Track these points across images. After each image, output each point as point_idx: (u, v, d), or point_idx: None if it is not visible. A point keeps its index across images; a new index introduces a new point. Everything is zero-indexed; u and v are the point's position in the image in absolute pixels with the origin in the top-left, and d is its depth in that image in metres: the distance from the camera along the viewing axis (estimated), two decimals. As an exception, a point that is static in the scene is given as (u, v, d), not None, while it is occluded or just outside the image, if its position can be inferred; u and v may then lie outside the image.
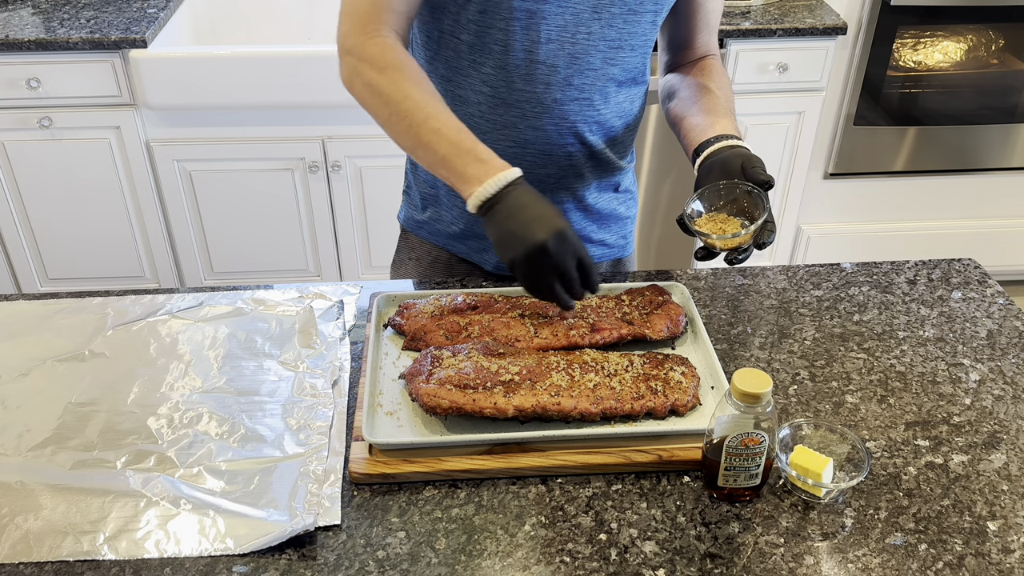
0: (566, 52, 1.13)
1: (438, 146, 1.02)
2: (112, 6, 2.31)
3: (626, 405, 0.97)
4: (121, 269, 2.50)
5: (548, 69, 1.14)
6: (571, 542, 0.88)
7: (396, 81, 1.04)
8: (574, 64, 1.14)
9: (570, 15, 1.11)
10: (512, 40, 1.12)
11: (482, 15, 1.11)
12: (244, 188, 2.37)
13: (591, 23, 1.12)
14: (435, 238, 1.35)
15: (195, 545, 0.87)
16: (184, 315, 1.18)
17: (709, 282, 1.27)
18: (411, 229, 1.38)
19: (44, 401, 1.04)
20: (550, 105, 1.17)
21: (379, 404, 1.01)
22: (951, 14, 2.38)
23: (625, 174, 1.34)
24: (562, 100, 1.17)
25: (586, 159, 1.24)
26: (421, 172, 1.32)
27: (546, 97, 1.16)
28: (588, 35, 1.13)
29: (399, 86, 1.04)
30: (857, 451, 0.94)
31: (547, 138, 1.20)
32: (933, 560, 0.86)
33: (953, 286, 1.28)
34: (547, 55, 1.13)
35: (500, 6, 1.09)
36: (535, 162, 1.22)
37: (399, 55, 1.06)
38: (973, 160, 2.62)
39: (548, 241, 0.95)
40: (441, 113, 1.04)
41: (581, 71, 1.15)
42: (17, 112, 2.22)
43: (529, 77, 1.14)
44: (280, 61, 2.16)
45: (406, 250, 1.40)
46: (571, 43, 1.13)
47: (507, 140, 1.20)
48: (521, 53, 1.12)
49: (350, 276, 2.55)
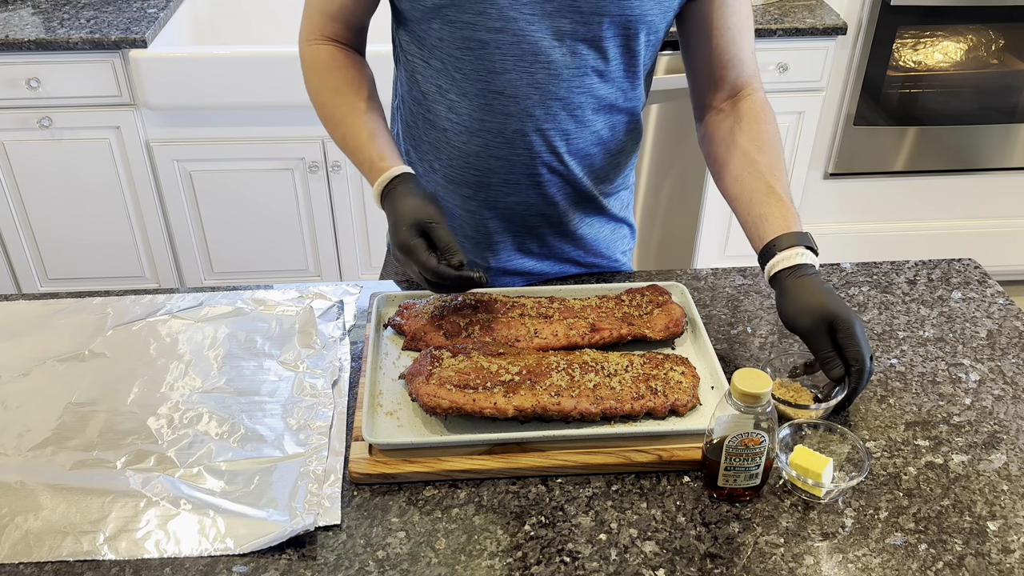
0: (525, 82, 1.08)
1: (346, 148, 1.15)
2: (112, 6, 2.31)
3: (626, 405, 0.97)
4: (121, 269, 2.50)
5: (506, 100, 1.10)
6: (571, 542, 0.88)
7: (316, 86, 1.19)
8: (534, 94, 1.09)
9: (527, 44, 1.05)
10: (468, 68, 1.09)
11: (441, 42, 1.08)
12: (244, 188, 2.37)
13: (551, 51, 1.06)
14: None
15: (195, 545, 0.87)
16: (184, 315, 1.18)
17: (709, 282, 1.27)
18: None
19: (44, 401, 1.04)
20: (511, 136, 1.13)
21: (379, 404, 1.01)
22: (951, 14, 2.38)
23: (612, 200, 1.28)
24: (523, 131, 1.12)
25: (558, 188, 1.19)
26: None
27: (506, 128, 1.12)
28: (548, 64, 1.07)
29: (318, 91, 1.19)
30: (857, 451, 0.94)
31: (511, 168, 1.16)
32: (933, 560, 0.86)
33: (953, 286, 1.28)
34: (504, 85, 1.09)
35: (454, 35, 1.07)
36: (503, 191, 1.19)
37: (327, 60, 1.18)
38: (973, 160, 2.62)
39: (394, 250, 1.05)
40: (348, 117, 1.14)
41: (543, 101, 1.10)
42: (17, 112, 2.22)
43: (488, 107, 1.11)
44: (280, 61, 2.16)
45: (396, 267, 1.37)
46: (529, 73, 1.08)
47: (471, 168, 1.17)
48: (479, 83, 1.09)
49: (350, 276, 2.55)
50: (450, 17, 1.05)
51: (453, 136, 1.16)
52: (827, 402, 0.99)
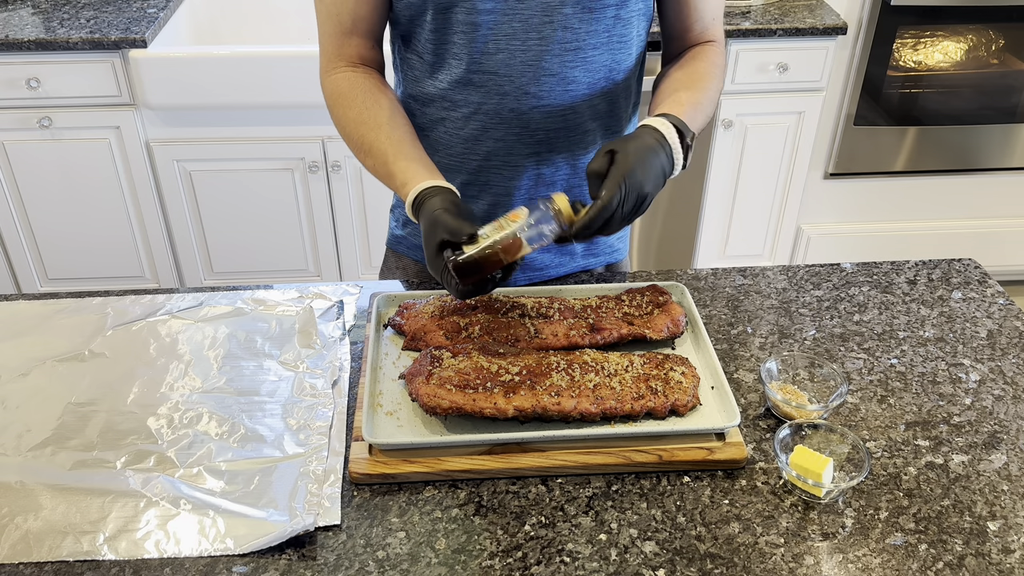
0: (518, 60, 1.10)
1: (378, 175, 1.13)
2: (112, 6, 2.31)
3: (626, 405, 0.97)
4: (121, 269, 2.50)
5: (501, 79, 1.11)
6: (571, 542, 0.88)
7: (341, 119, 1.15)
8: (527, 72, 1.11)
9: (518, 22, 1.07)
10: (463, 53, 1.10)
11: (434, 33, 1.10)
12: (244, 188, 2.37)
13: (542, 27, 1.08)
14: (414, 253, 1.34)
15: (195, 545, 0.87)
16: (184, 315, 1.18)
17: (709, 282, 1.27)
18: (391, 245, 1.37)
19: (44, 401, 1.04)
20: (508, 116, 1.14)
21: (379, 404, 1.01)
22: (951, 14, 2.38)
23: None
24: (520, 109, 1.13)
25: (555, 170, 1.20)
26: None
27: (503, 108, 1.13)
28: (540, 40, 1.09)
29: (343, 124, 1.15)
30: (857, 451, 0.94)
31: (509, 149, 1.17)
32: (933, 560, 0.86)
33: (953, 286, 1.28)
34: (497, 65, 1.10)
35: (447, 21, 1.08)
36: (502, 174, 1.20)
37: (348, 89, 1.14)
38: (973, 160, 2.62)
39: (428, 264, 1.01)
40: (376, 145, 1.11)
41: (537, 78, 1.11)
42: (17, 112, 2.22)
43: (483, 89, 1.12)
44: (280, 61, 2.16)
45: (394, 268, 1.38)
46: (522, 51, 1.09)
47: (473, 154, 1.18)
48: (473, 66, 1.11)
49: (350, 276, 2.55)
50: (440, 3, 1.07)
51: (452, 127, 1.17)
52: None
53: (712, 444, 0.96)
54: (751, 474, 0.95)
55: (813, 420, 0.98)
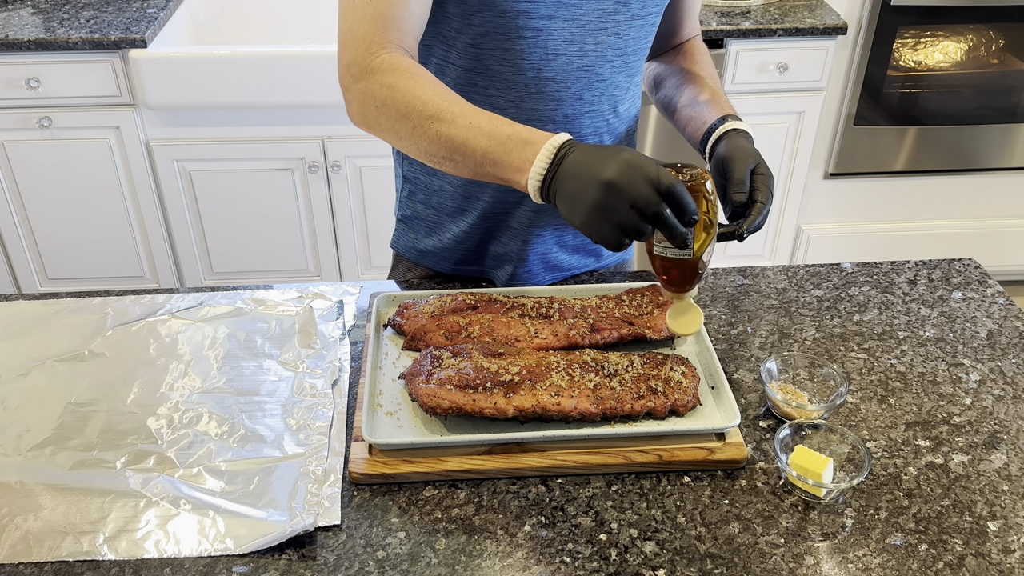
0: (575, 66, 1.11)
1: (475, 143, 0.93)
2: (112, 6, 2.31)
3: (626, 405, 0.97)
4: (121, 269, 2.50)
5: (558, 85, 1.12)
6: (571, 542, 0.88)
7: (412, 90, 0.95)
8: (584, 77, 1.12)
9: (577, 28, 1.08)
10: (518, 59, 1.09)
11: (484, 37, 1.07)
12: (244, 188, 2.37)
13: (598, 33, 1.10)
14: (440, 264, 1.31)
15: (195, 545, 0.87)
16: (184, 315, 1.18)
17: (709, 282, 1.27)
18: (413, 259, 1.33)
19: (44, 401, 1.04)
20: (561, 122, 1.15)
21: (379, 404, 1.01)
22: (951, 14, 2.38)
23: None
24: (573, 115, 1.15)
25: None
26: (421, 200, 1.28)
27: (556, 114, 1.14)
28: (596, 46, 1.11)
29: (417, 94, 0.95)
30: (857, 451, 0.94)
31: None
32: (933, 560, 0.86)
33: (953, 286, 1.28)
34: (556, 71, 1.11)
35: (504, 26, 1.06)
36: None
37: (411, 65, 0.98)
38: (973, 160, 2.62)
39: (611, 181, 0.85)
40: (467, 109, 0.95)
41: (591, 83, 1.13)
42: (17, 112, 2.22)
43: (539, 95, 1.12)
44: (280, 61, 2.16)
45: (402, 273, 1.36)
46: (579, 56, 1.10)
47: None
48: (530, 72, 1.10)
49: (350, 276, 2.55)
50: (503, 7, 1.04)
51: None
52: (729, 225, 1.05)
53: (712, 444, 0.96)
54: (751, 474, 0.95)
55: (813, 420, 0.98)
